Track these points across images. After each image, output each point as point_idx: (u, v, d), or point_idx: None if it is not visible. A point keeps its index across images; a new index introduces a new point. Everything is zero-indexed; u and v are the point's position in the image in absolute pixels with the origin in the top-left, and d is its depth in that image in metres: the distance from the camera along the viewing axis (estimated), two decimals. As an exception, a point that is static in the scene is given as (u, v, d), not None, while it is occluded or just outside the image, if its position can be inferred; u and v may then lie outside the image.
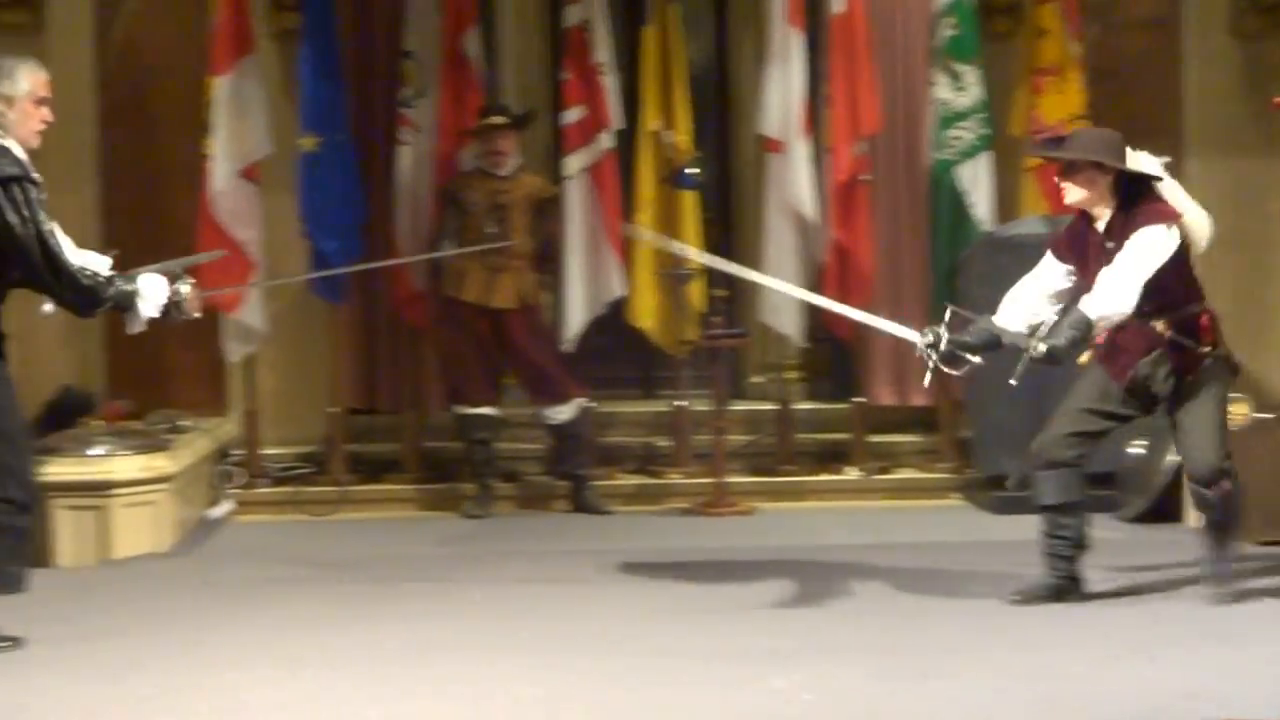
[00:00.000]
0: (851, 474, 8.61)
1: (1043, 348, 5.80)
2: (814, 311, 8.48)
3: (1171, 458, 7.65)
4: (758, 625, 5.86)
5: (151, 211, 8.79)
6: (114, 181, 8.82)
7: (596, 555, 7.05)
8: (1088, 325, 5.82)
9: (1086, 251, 6.03)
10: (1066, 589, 6.13)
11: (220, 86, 8.26)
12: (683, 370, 8.72)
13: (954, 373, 6.14)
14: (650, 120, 8.65)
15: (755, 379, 9.40)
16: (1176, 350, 5.99)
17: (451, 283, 8.21)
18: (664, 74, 8.66)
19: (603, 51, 8.62)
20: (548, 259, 8.41)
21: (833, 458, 8.77)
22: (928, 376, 6.12)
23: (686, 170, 8.60)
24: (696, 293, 8.51)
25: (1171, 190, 6.02)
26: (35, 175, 5.41)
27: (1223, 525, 6.16)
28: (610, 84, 8.63)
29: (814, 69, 8.71)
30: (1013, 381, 5.87)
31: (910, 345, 6.19)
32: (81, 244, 5.68)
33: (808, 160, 8.56)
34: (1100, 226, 6.00)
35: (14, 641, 5.51)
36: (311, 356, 8.77)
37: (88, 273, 5.48)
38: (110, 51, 8.80)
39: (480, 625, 5.90)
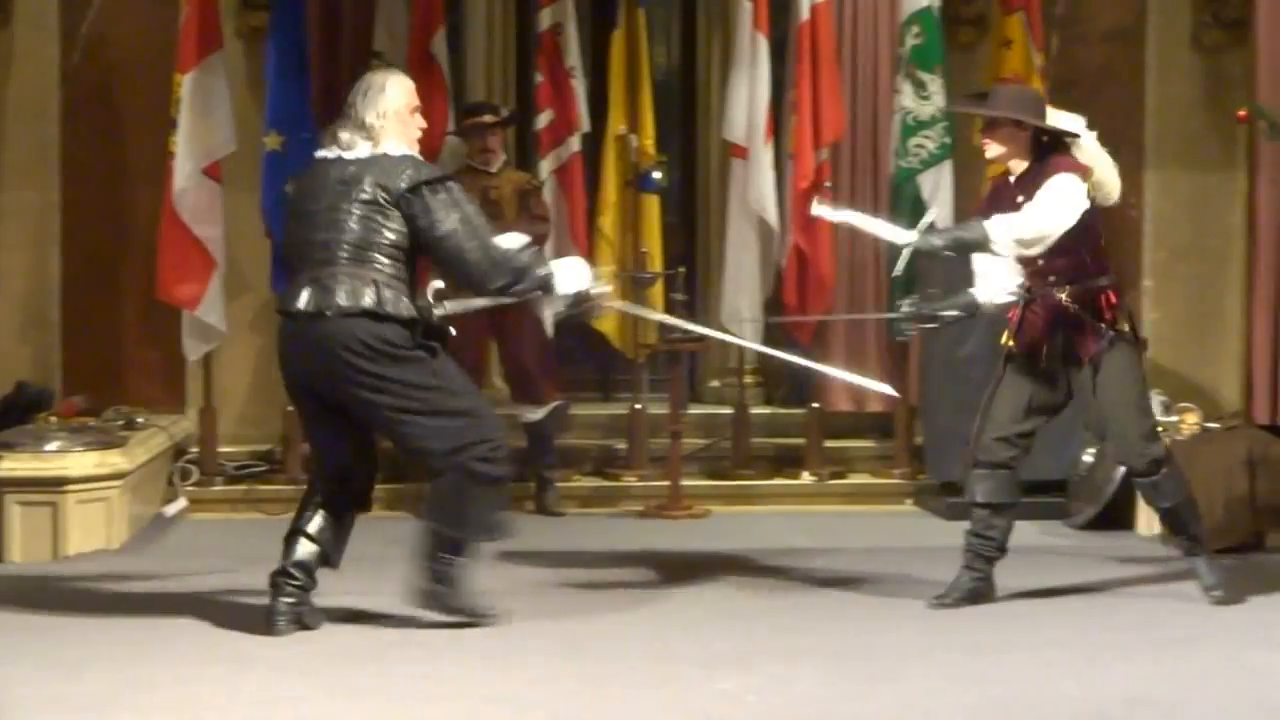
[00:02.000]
0: (806, 479, 8.65)
1: (926, 237, 5.96)
2: (775, 315, 8.55)
3: (1120, 467, 7.72)
4: (709, 627, 5.89)
5: (114, 208, 8.78)
6: (76, 177, 8.78)
7: (552, 557, 7.06)
8: (981, 231, 5.89)
9: (1003, 206, 6.08)
10: (984, 592, 6.18)
11: (185, 83, 8.24)
12: (640, 373, 8.75)
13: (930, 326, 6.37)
14: (616, 124, 8.68)
15: (713, 383, 9.46)
16: (1077, 325, 6.03)
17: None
18: (630, 78, 8.70)
19: (573, 55, 8.67)
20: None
21: (788, 462, 8.81)
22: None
23: (651, 174, 8.65)
24: (657, 297, 8.55)
25: (1089, 147, 6.08)
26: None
27: (1177, 511, 6.18)
28: (580, 88, 8.66)
29: (779, 75, 8.75)
30: (895, 274, 6.26)
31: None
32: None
33: (771, 166, 8.60)
34: (1013, 177, 6.09)
35: None
36: (270, 355, 8.67)
37: (516, 254, 5.70)
38: (76, 46, 8.77)
39: (434, 626, 5.90)
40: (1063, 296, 6.01)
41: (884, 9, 8.83)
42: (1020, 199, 6.01)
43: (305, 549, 5.81)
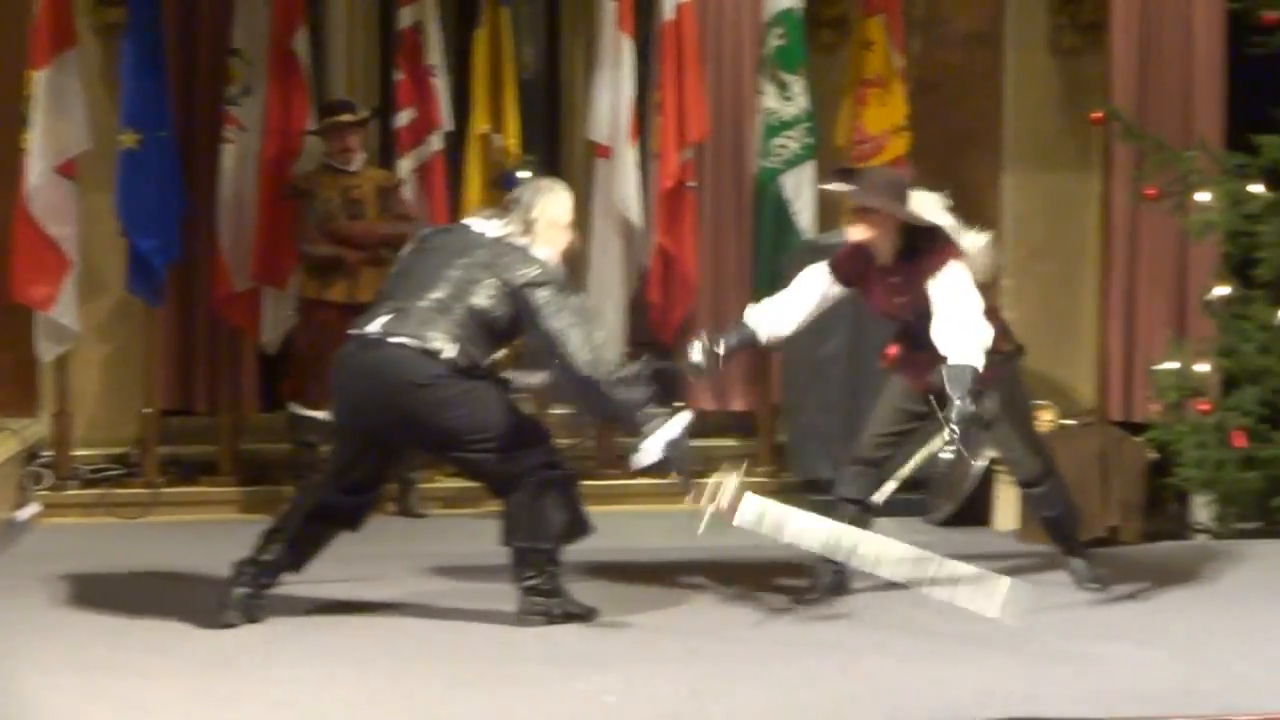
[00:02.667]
0: (672, 477, 8.62)
1: (962, 419, 5.76)
2: (636, 316, 8.56)
3: (978, 463, 7.83)
4: (567, 628, 5.88)
5: (-34, 206, 8.61)
6: (-74, 175, 8.60)
7: (412, 559, 7.01)
8: (974, 371, 5.85)
9: (869, 281, 6.17)
10: (844, 584, 6.25)
11: (39, 80, 8.09)
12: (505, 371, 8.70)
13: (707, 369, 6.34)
14: (480, 123, 8.64)
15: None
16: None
17: (313, 284, 8.14)
18: (494, 77, 8.66)
19: (434, 53, 8.62)
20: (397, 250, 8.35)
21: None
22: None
23: (515, 173, 8.61)
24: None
25: (951, 227, 6.14)
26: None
27: (1061, 519, 6.37)
28: (441, 86, 8.62)
29: (644, 75, 8.77)
30: (958, 449, 5.85)
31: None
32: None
33: (635, 166, 8.61)
34: (882, 261, 6.12)
35: None
36: (127, 357, 8.62)
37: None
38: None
39: (292, 630, 5.85)
40: (954, 424, 5.83)
41: (747, 10, 8.88)
42: (896, 280, 6.07)
43: (278, 550, 5.87)
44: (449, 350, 5.70)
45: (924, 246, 6.03)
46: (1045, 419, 7.85)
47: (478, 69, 8.66)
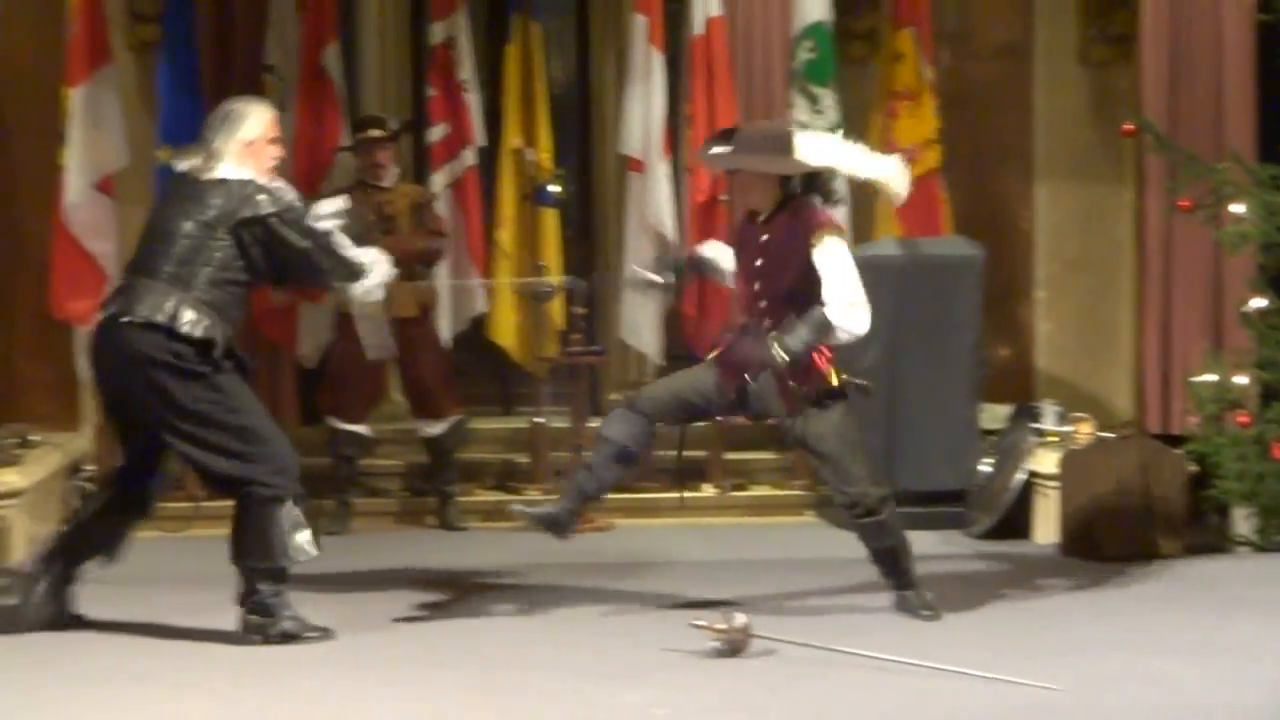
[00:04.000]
0: (708, 491, 8.68)
1: (783, 354, 5.87)
2: (672, 330, 8.58)
3: (1019, 475, 7.84)
4: (611, 640, 5.90)
5: (4, 223, 8.68)
6: (-35, 193, 8.68)
7: (454, 572, 7.04)
8: (828, 327, 5.92)
9: (743, 242, 6.17)
10: (564, 522, 6.19)
11: (75, 97, 8.15)
12: (541, 387, 8.75)
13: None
14: (512, 138, 8.68)
15: (614, 396, 9.43)
16: (782, 383, 6.05)
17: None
18: (526, 92, 8.71)
19: (466, 69, 8.66)
20: (430, 265, 8.39)
21: (690, 475, 8.81)
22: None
23: (548, 188, 8.65)
24: (556, 310, 8.55)
25: (852, 160, 6.10)
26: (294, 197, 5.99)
27: (895, 551, 6.16)
28: (474, 101, 8.66)
29: (675, 89, 8.80)
30: (748, 379, 6.03)
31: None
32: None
33: (668, 180, 8.64)
34: (761, 218, 6.13)
35: None
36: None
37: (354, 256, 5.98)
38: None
39: (334, 643, 5.86)
40: (777, 351, 5.91)
41: (777, 24, 8.90)
42: (765, 238, 6.06)
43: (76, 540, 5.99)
44: (184, 323, 5.67)
45: (796, 206, 6.03)
46: (1084, 431, 7.84)
47: (510, 84, 8.70)
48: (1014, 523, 7.84)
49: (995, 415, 8.47)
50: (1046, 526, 7.73)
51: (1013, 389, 9.01)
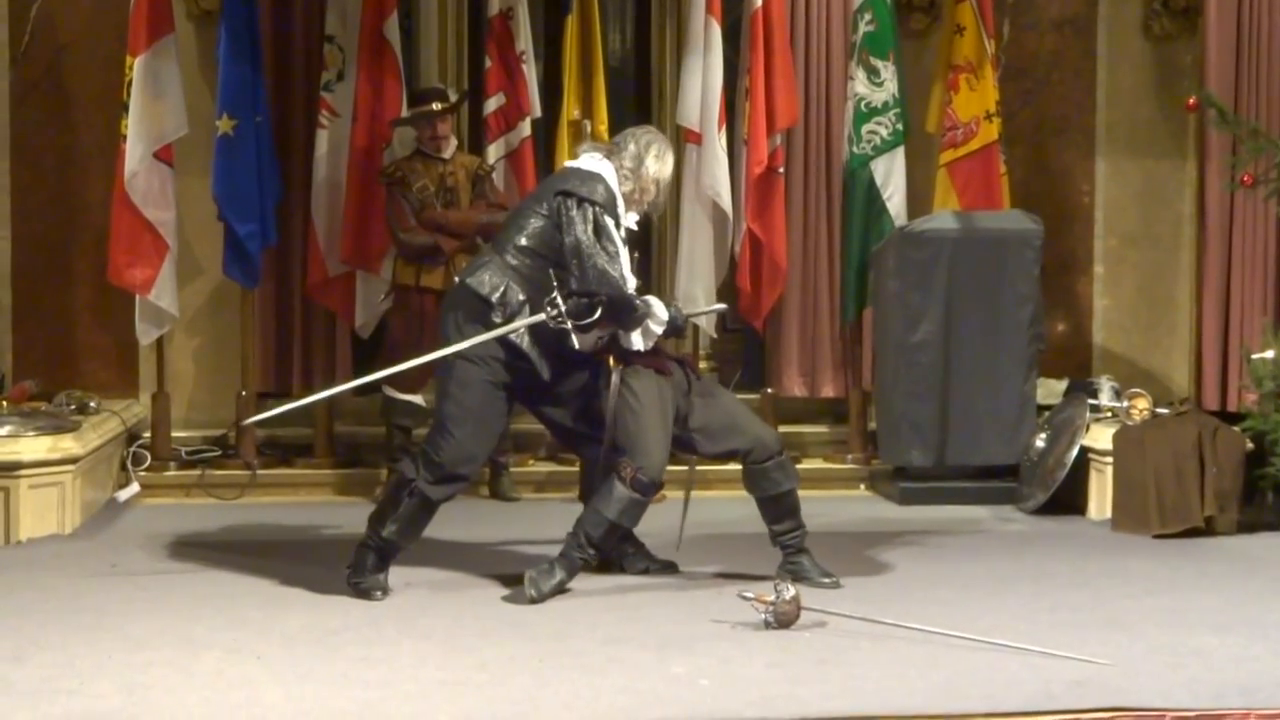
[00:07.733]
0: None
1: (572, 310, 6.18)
2: (729, 301, 8.56)
3: (1073, 450, 7.80)
4: (662, 611, 5.93)
5: (65, 191, 8.75)
6: (26, 160, 8.73)
7: (506, 543, 7.08)
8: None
9: None
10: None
11: (137, 66, 8.19)
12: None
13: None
14: (570, 109, 8.67)
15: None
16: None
17: (408, 270, 8.19)
18: (584, 63, 8.68)
19: (524, 40, 8.65)
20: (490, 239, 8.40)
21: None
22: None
23: (604, 159, 8.63)
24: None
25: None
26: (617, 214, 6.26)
27: (793, 495, 6.35)
28: (531, 72, 8.66)
29: (733, 61, 8.77)
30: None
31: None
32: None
33: (725, 151, 8.62)
34: None
35: None
36: (224, 340, 8.72)
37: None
38: (25, 28, 8.71)
39: (384, 611, 5.92)
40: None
41: (836, -4, 8.86)
42: None
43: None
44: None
45: None
46: (1141, 407, 7.79)
47: (568, 55, 8.68)
48: (1067, 498, 7.80)
49: (1051, 390, 8.43)
50: (1100, 502, 7.69)
51: (1069, 364, 8.97)
